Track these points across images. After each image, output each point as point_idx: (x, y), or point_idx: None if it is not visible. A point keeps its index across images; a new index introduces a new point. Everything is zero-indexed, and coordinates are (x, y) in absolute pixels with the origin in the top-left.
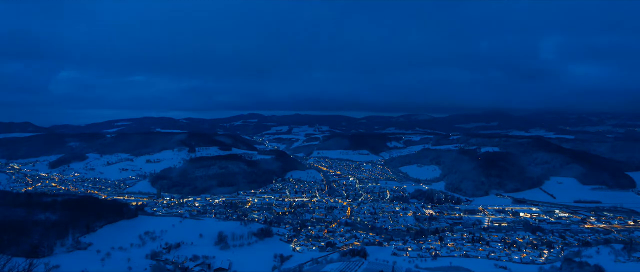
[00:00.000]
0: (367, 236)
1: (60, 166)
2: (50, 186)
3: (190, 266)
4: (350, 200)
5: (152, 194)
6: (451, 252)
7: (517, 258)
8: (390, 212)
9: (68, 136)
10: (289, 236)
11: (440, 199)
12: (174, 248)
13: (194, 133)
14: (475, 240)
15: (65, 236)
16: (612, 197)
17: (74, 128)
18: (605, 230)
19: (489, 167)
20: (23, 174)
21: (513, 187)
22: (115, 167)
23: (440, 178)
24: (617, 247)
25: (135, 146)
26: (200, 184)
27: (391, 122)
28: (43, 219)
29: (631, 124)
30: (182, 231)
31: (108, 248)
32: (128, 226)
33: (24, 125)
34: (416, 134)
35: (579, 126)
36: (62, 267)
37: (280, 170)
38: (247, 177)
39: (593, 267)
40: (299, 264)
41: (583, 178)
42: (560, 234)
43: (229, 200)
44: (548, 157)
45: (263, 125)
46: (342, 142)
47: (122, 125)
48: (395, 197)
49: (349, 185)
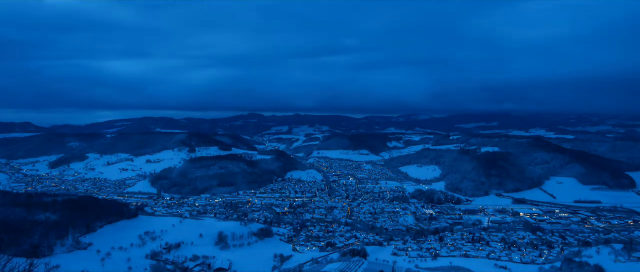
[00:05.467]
0: (367, 236)
1: (60, 165)
2: (50, 186)
3: (190, 266)
4: (350, 200)
5: (152, 194)
6: (451, 252)
7: (517, 258)
8: (390, 212)
9: (68, 135)
10: (289, 236)
11: (440, 199)
12: (174, 248)
13: (194, 133)
14: (475, 240)
15: (65, 236)
16: (612, 197)
17: (74, 128)
18: (605, 230)
19: (489, 167)
20: (23, 174)
21: (513, 187)
22: (115, 167)
23: (440, 178)
24: (617, 247)
25: (135, 146)
26: (200, 184)
27: (391, 122)
28: (43, 219)
29: (631, 124)
30: (182, 231)
31: (108, 248)
32: (128, 226)
33: (24, 125)
34: (416, 134)
35: (579, 126)
36: (62, 267)
37: (280, 170)
38: (247, 177)
39: (593, 267)
40: (299, 264)
41: (583, 178)
42: (560, 234)
43: (229, 200)
44: (548, 157)
45: (263, 125)
46: (342, 142)
47: (122, 125)
48: (395, 197)
49: (349, 185)
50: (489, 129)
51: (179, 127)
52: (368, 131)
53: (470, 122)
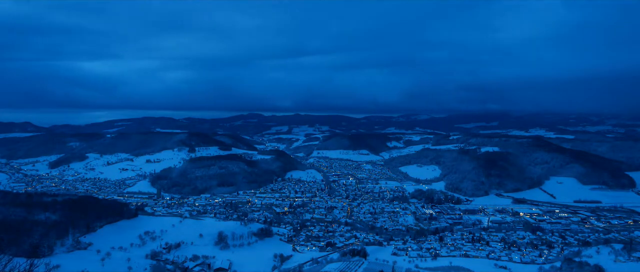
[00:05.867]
0: (367, 236)
1: (60, 165)
2: (50, 186)
3: (190, 266)
4: (350, 200)
5: (152, 194)
6: (451, 252)
7: (517, 258)
8: (390, 212)
9: (68, 135)
10: (289, 236)
11: (440, 199)
12: (174, 248)
13: (194, 133)
14: (475, 240)
15: (66, 236)
16: (612, 197)
17: (74, 128)
18: (605, 230)
19: (489, 167)
20: (23, 174)
21: (513, 187)
22: (115, 167)
23: (440, 178)
24: (617, 247)
25: (135, 146)
26: (200, 184)
27: (391, 122)
28: (43, 219)
29: (631, 124)
30: (182, 231)
31: (108, 248)
32: (128, 226)
33: (24, 125)
34: (416, 134)
35: (579, 126)
36: (63, 267)
37: (280, 170)
38: (247, 177)
39: (593, 267)
40: (299, 264)
41: (583, 178)
42: (560, 234)
43: (229, 200)
44: (548, 157)
45: (263, 125)
46: (342, 142)
47: (122, 125)
48: (395, 197)
49: (349, 185)
50: (489, 129)
51: (179, 127)
52: (368, 131)
53: (470, 122)
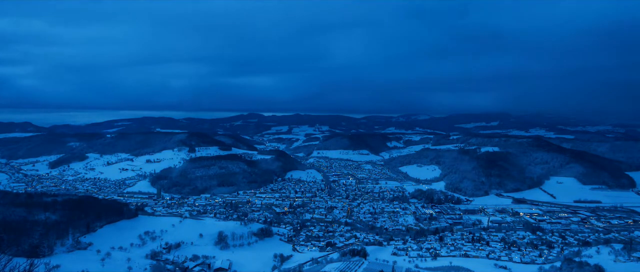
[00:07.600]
0: (367, 236)
1: (60, 165)
2: (50, 186)
3: (190, 266)
4: (350, 200)
5: (152, 194)
6: (451, 252)
7: (517, 258)
8: (390, 212)
9: (68, 135)
10: (289, 236)
11: (440, 199)
12: (174, 248)
13: (194, 133)
14: (475, 240)
15: (66, 236)
16: (612, 197)
17: (74, 128)
18: (605, 230)
19: (489, 167)
20: (23, 174)
21: (513, 187)
22: (115, 167)
23: (440, 178)
24: (617, 247)
25: (135, 146)
26: (200, 184)
27: (391, 122)
28: (43, 219)
29: (631, 124)
30: (182, 230)
31: (108, 248)
32: (128, 226)
33: (24, 125)
34: (416, 134)
35: (579, 126)
36: (63, 267)
37: (280, 170)
38: (247, 177)
39: (593, 267)
40: (299, 264)
41: (583, 178)
42: (560, 234)
43: (229, 200)
44: (548, 157)
45: (263, 125)
46: (342, 142)
47: (122, 125)
48: (395, 197)
49: (349, 185)
50: (489, 129)
51: (179, 127)
52: (368, 131)
53: (470, 122)
